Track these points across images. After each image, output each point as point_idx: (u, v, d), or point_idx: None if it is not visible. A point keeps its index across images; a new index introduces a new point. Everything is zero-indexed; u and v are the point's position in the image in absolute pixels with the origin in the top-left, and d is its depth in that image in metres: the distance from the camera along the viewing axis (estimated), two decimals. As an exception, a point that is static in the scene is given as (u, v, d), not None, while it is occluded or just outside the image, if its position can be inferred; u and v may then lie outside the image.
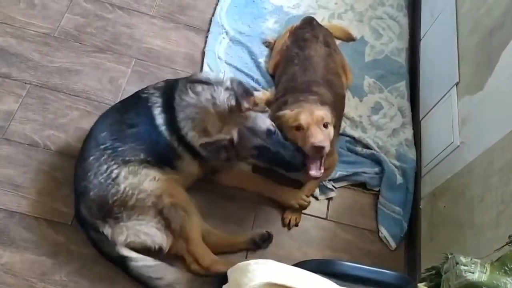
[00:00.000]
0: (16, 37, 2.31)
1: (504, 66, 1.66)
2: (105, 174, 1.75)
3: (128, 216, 1.74)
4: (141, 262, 1.74)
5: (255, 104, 1.83)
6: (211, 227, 1.94)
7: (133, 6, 2.54)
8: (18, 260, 1.81)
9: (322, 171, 1.83)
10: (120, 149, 1.80)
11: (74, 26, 2.41)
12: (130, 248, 1.77)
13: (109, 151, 1.79)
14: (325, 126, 1.83)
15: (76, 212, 1.80)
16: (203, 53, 2.46)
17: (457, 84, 1.98)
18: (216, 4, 2.64)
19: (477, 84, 1.80)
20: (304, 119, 1.81)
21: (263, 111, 1.84)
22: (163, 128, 1.84)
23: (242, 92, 1.78)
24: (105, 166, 1.76)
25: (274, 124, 1.82)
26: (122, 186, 1.74)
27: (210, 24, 2.57)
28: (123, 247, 1.75)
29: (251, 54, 2.50)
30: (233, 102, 1.80)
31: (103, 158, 1.78)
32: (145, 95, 1.90)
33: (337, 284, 1.18)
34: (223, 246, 1.93)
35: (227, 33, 2.55)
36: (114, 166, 1.77)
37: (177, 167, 1.90)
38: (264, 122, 1.80)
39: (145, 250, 1.79)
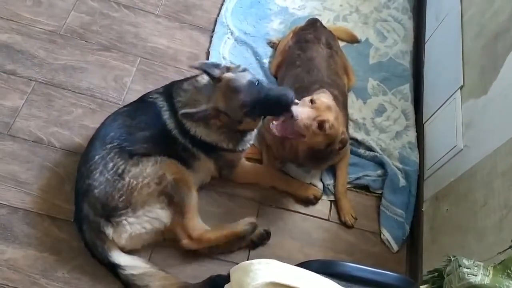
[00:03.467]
0: (22, 34, 2.32)
1: (509, 71, 1.65)
2: (112, 171, 1.76)
3: (133, 209, 1.75)
4: (128, 270, 1.74)
5: (228, 69, 1.83)
6: (211, 226, 1.93)
7: (138, 5, 2.55)
8: (21, 256, 1.81)
9: (279, 131, 1.79)
10: (128, 148, 1.80)
11: (80, 24, 2.42)
12: (132, 244, 1.79)
13: (116, 150, 1.79)
14: (320, 126, 1.79)
15: (77, 211, 1.79)
16: (207, 53, 2.47)
17: (461, 87, 1.98)
18: (222, 4, 2.66)
19: (481, 88, 1.80)
20: (320, 101, 1.81)
21: (242, 71, 1.84)
22: (175, 131, 1.85)
23: (209, 64, 1.81)
24: (111, 164, 1.76)
25: (255, 76, 1.82)
26: (126, 179, 1.75)
27: (215, 24, 2.58)
28: (114, 253, 1.75)
29: (255, 54, 2.51)
30: (208, 79, 1.83)
31: (109, 156, 1.77)
32: (151, 99, 1.90)
33: (340, 284, 1.18)
34: (221, 246, 1.92)
35: (232, 33, 2.55)
36: (121, 163, 1.77)
37: (194, 167, 1.92)
38: (243, 77, 1.78)
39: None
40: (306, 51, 2.24)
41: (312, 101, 1.82)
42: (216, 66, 1.82)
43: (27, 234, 1.86)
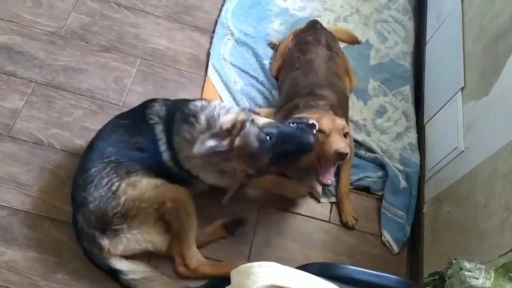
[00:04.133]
0: (22, 35, 2.32)
1: (510, 72, 1.65)
2: (105, 187, 1.73)
3: (129, 227, 1.73)
4: (130, 275, 1.74)
5: (228, 131, 1.71)
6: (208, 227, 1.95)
7: (139, 6, 2.55)
8: (20, 258, 1.81)
9: (333, 178, 1.87)
10: (125, 163, 1.78)
11: (80, 25, 2.42)
12: (128, 255, 1.77)
13: (113, 164, 1.76)
14: (345, 135, 1.86)
15: (73, 222, 1.78)
16: (208, 54, 2.47)
17: (462, 89, 1.98)
18: (222, 5, 2.66)
19: (482, 89, 1.80)
20: (326, 124, 1.83)
21: (241, 128, 1.71)
22: (170, 164, 1.82)
23: (210, 141, 1.68)
24: (106, 179, 1.73)
25: (260, 129, 1.70)
26: (122, 199, 1.72)
27: (215, 25, 2.58)
28: (113, 260, 1.74)
29: (256, 55, 2.51)
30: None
31: (105, 171, 1.75)
32: (152, 121, 1.84)
33: (340, 287, 1.18)
34: (196, 240, 1.88)
35: (232, 34, 2.55)
36: (116, 179, 1.74)
37: (189, 186, 1.88)
38: (252, 138, 1.68)
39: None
40: (306, 53, 2.23)
41: (321, 131, 1.80)
42: (215, 135, 1.70)
43: (27, 235, 1.86)
